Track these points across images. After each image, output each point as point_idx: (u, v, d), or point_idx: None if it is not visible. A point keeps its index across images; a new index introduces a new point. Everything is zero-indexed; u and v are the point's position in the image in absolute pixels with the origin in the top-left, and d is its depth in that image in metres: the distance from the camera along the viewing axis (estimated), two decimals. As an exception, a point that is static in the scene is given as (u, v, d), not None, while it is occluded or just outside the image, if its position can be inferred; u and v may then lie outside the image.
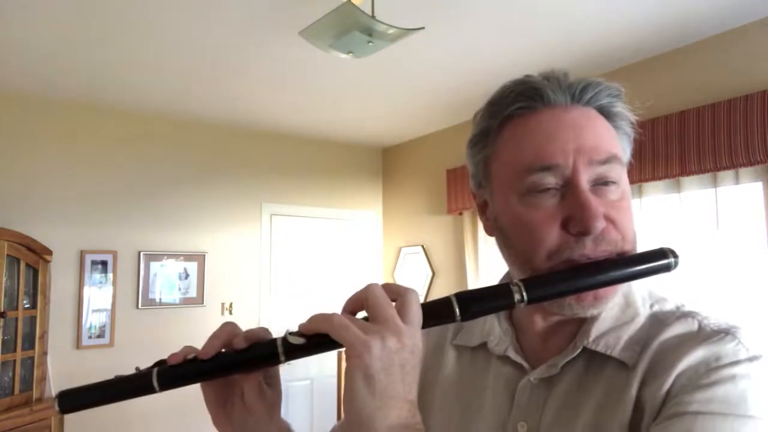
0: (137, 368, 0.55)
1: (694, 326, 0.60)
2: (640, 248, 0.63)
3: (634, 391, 0.58)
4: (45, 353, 3.29)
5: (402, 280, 4.70)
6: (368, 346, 0.49)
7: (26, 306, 3.20)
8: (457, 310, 0.55)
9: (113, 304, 3.75)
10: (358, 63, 2.82)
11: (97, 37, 2.77)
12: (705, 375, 0.55)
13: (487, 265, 3.84)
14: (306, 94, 3.65)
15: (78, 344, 3.61)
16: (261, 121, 4.21)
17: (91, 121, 3.77)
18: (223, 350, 0.56)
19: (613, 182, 0.61)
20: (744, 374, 0.54)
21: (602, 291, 0.60)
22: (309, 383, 4.48)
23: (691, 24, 2.68)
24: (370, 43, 2.26)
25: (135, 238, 3.87)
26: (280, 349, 0.54)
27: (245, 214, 4.34)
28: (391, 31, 2.21)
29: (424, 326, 0.54)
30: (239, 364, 0.56)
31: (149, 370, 0.54)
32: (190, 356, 0.55)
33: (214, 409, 0.62)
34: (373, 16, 2.18)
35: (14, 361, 3.08)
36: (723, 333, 0.58)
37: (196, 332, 4.02)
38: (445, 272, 4.31)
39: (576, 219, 0.59)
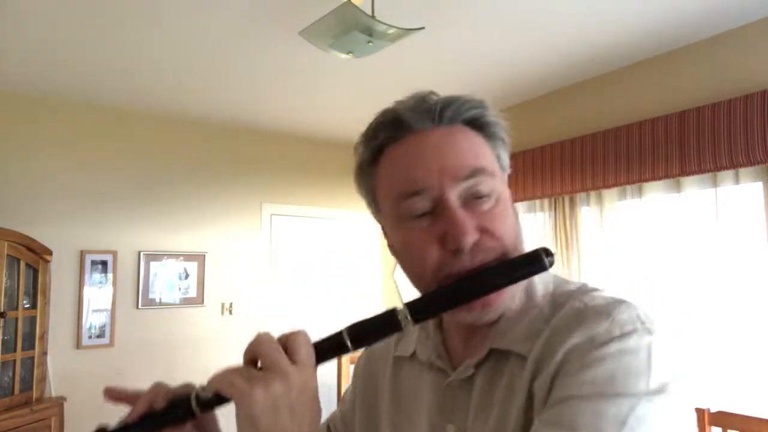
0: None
1: (581, 306, 0.60)
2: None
3: (527, 380, 0.59)
4: (45, 353, 3.29)
5: (401, 280, 4.70)
6: (250, 397, 0.51)
7: (26, 306, 3.20)
8: (348, 342, 0.57)
9: (113, 304, 3.75)
10: (358, 63, 2.82)
11: (97, 37, 2.77)
12: (578, 360, 0.55)
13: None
14: (306, 94, 3.65)
15: (78, 344, 3.61)
16: (261, 121, 4.21)
17: (91, 121, 3.77)
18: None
19: (484, 194, 0.62)
20: (613, 353, 0.54)
21: (489, 298, 0.61)
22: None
23: (690, 24, 2.68)
24: (370, 43, 2.26)
25: (135, 238, 3.87)
26: (194, 404, 0.59)
27: (245, 214, 4.34)
28: (391, 31, 2.21)
29: (321, 361, 0.56)
30: (161, 424, 0.61)
31: None
32: (122, 423, 0.61)
33: None
34: (373, 16, 2.18)
35: (14, 361, 3.08)
36: (600, 313, 0.58)
37: (195, 332, 4.02)
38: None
39: (449, 236, 0.60)
